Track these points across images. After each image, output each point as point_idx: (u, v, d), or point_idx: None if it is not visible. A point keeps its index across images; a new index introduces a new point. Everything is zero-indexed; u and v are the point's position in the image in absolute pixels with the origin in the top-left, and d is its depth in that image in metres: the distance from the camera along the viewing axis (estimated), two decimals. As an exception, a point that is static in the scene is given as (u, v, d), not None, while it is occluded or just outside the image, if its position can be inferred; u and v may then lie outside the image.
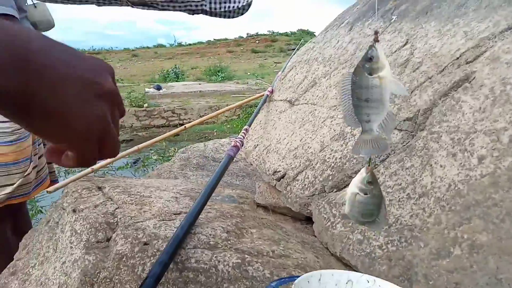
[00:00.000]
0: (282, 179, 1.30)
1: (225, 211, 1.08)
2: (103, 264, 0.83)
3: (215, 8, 0.58)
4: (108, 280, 0.81)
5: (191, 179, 1.75)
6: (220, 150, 2.75)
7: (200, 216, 0.99)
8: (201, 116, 6.50)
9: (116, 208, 1.02)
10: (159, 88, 11.19)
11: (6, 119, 1.24)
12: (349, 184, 0.94)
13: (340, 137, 1.17)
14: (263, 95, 1.88)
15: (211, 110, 8.70)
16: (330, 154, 1.15)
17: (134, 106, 8.87)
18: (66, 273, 0.86)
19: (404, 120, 1.00)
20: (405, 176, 0.88)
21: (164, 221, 0.95)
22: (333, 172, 1.08)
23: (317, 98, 1.47)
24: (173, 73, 21.04)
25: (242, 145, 1.32)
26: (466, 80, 0.93)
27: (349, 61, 1.47)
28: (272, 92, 1.92)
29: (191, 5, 0.57)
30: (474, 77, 0.91)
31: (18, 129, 1.25)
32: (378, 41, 0.51)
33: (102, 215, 0.97)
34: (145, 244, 0.86)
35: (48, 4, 1.40)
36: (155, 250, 0.84)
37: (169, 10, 0.59)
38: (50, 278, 0.90)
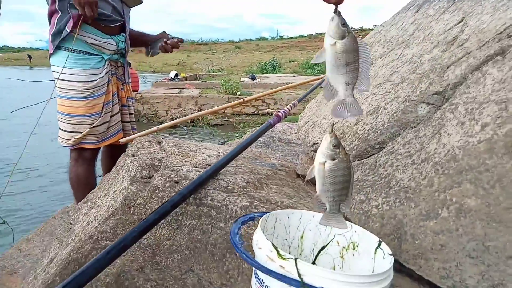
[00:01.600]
0: (319, 151, 1.36)
1: (254, 169, 1.20)
2: (140, 193, 1.02)
3: None
4: (142, 206, 0.99)
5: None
6: (288, 132, 2.86)
7: (228, 168, 1.12)
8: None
9: (164, 156, 1.21)
10: (253, 78, 11.64)
11: (80, 80, 1.55)
12: (371, 152, 0.99)
13: (374, 111, 1.19)
14: (322, 77, 1.92)
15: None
16: (362, 127, 1.18)
17: (228, 93, 9.39)
18: (114, 198, 1.06)
19: (433, 94, 0.99)
20: (415, 144, 0.89)
21: (197, 168, 1.10)
22: (359, 143, 1.12)
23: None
24: (271, 65, 21.54)
25: (285, 117, 1.41)
26: (500, 54, 0.89)
27: (406, 42, 1.45)
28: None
29: None
30: (510, 51, 0.87)
31: (89, 88, 1.55)
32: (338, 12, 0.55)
33: (151, 159, 1.16)
34: (176, 182, 1.03)
35: None
36: (181, 187, 0.99)
37: None
38: (104, 203, 1.12)
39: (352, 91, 0.58)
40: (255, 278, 0.62)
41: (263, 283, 0.59)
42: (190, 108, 9.57)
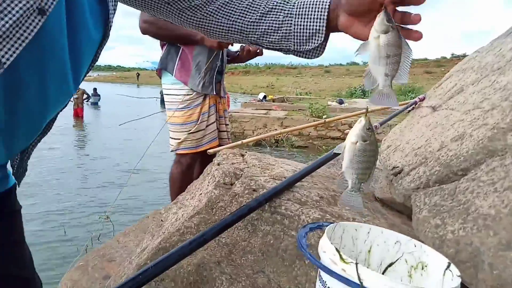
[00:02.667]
0: (398, 175, 1.34)
1: (330, 187, 1.23)
2: (222, 197, 1.13)
3: (298, 49, 0.76)
4: (222, 208, 1.10)
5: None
6: (371, 157, 2.80)
7: (304, 182, 1.18)
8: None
9: (246, 167, 1.31)
10: (341, 102, 11.54)
11: (180, 93, 1.83)
12: (452, 179, 0.98)
13: (459, 138, 1.15)
14: (408, 103, 1.89)
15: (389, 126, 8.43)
16: (445, 153, 1.15)
17: (314, 116, 9.44)
18: (199, 200, 1.19)
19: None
20: (500, 172, 0.85)
21: (274, 180, 1.18)
22: (440, 168, 1.09)
23: (457, 104, 1.43)
24: (360, 90, 21.09)
25: (366, 138, 1.43)
26: None
27: (501, 68, 1.38)
28: (422, 99, 1.90)
29: (282, 48, 0.78)
30: None
31: (187, 100, 1.82)
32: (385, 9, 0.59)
33: (234, 168, 1.27)
34: (254, 190, 1.12)
35: None
36: (258, 195, 1.08)
37: (269, 49, 0.81)
38: (191, 204, 1.25)
39: (391, 83, 0.61)
40: (319, 280, 0.66)
41: (326, 284, 0.63)
42: (275, 129, 9.82)
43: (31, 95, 0.57)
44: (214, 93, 1.96)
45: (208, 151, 1.75)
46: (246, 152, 1.57)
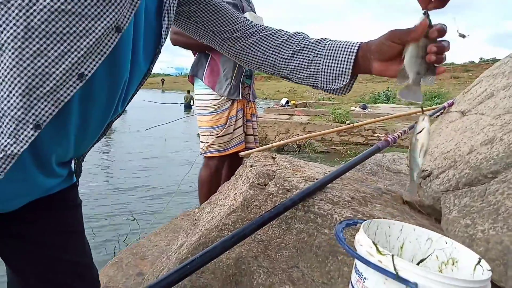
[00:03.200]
0: (427, 178, 1.37)
1: (360, 189, 1.28)
2: (257, 197, 1.19)
3: (324, 87, 0.83)
4: (257, 207, 1.16)
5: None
6: (398, 162, 2.80)
7: (335, 184, 1.23)
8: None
9: (278, 169, 1.37)
10: (364, 107, 11.44)
11: (209, 98, 1.91)
12: (482, 181, 1.01)
13: (489, 142, 1.17)
14: (436, 108, 1.91)
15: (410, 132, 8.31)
16: (475, 157, 1.17)
17: (336, 121, 9.41)
18: (234, 199, 1.25)
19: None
20: (531, 174, 0.88)
21: (306, 181, 1.24)
22: (470, 171, 1.12)
23: (487, 109, 1.45)
24: (384, 96, 20.81)
25: (395, 142, 1.46)
26: None
27: (533, 72, 1.39)
28: (451, 104, 1.91)
29: (310, 84, 0.85)
30: None
31: (215, 105, 1.90)
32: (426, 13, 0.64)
33: (267, 170, 1.33)
34: (287, 190, 1.17)
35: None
36: (292, 195, 1.13)
37: (298, 83, 0.89)
38: (226, 203, 1.32)
39: (420, 80, 0.66)
40: (355, 271, 0.71)
41: (362, 275, 0.68)
42: (298, 134, 9.84)
43: (101, 104, 0.65)
44: (240, 97, 2.04)
45: (240, 153, 1.82)
46: (276, 155, 1.63)
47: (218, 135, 1.97)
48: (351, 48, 0.76)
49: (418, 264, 0.82)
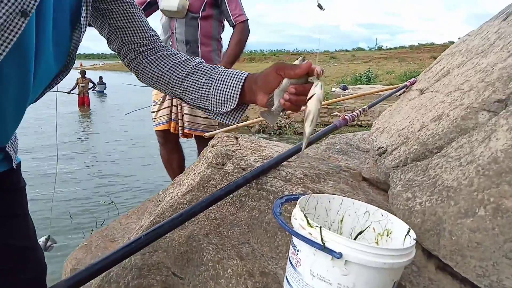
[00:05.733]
0: (383, 155, 1.41)
1: (316, 166, 1.30)
2: (213, 176, 1.20)
3: (214, 111, 0.88)
4: (213, 186, 1.17)
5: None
6: (368, 140, 2.86)
7: (291, 162, 1.25)
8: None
9: (238, 149, 1.38)
10: (345, 88, 11.51)
11: None
12: (428, 156, 1.04)
13: (438, 118, 1.21)
14: (398, 86, 1.94)
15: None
16: (424, 133, 1.21)
17: (317, 103, 9.44)
18: (192, 179, 1.27)
19: (494, 102, 0.99)
20: (466, 148, 0.91)
21: (263, 160, 1.25)
22: (418, 147, 1.15)
23: (442, 86, 1.48)
24: (365, 76, 20.94)
25: (353, 120, 1.49)
26: None
27: (485, 51, 1.42)
28: (413, 83, 1.95)
29: (201, 106, 0.90)
30: None
31: None
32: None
33: (226, 150, 1.34)
34: (243, 169, 1.19)
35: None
36: (246, 173, 1.15)
37: (190, 105, 0.92)
38: (185, 182, 1.33)
39: (280, 110, 0.80)
40: (292, 245, 0.74)
41: (296, 247, 0.71)
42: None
43: (13, 88, 0.63)
44: None
45: (205, 135, 1.83)
46: (241, 135, 1.64)
47: (152, 110, 2.26)
48: (240, 76, 0.84)
49: (356, 236, 0.85)
